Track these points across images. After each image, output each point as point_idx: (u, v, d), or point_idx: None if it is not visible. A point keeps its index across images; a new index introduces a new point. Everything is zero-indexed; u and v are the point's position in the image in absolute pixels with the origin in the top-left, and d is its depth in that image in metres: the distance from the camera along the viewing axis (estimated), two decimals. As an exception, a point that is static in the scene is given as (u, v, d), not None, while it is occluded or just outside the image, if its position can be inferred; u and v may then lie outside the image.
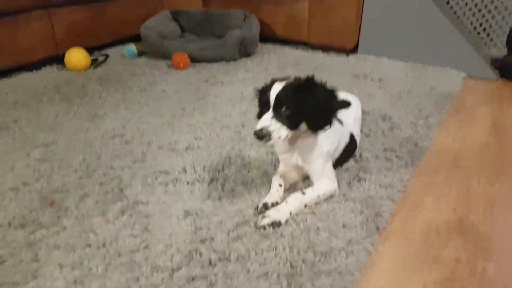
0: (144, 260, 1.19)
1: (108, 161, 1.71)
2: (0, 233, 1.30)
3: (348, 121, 1.70)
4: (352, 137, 1.67)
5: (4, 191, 1.50)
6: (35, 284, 1.11)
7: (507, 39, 2.88)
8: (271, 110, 1.36)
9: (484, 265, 1.26)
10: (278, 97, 1.34)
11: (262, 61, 3.04)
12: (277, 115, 1.35)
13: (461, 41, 2.86)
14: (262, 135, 1.33)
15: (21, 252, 1.22)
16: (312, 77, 1.39)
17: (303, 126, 1.40)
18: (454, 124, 2.18)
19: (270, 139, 1.34)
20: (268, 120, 1.34)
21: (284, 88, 1.35)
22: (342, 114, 1.70)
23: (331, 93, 1.41)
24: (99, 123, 2.04)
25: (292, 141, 1.48)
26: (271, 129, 1.33)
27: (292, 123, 1.36)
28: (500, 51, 3.01)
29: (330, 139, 1.50)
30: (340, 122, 1.61)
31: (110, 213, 1.39)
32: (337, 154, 1.59)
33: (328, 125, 1.39)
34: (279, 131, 1.34)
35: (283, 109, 1.34)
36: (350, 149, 1.68)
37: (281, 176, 1.55)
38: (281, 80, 1.40)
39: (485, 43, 3.07)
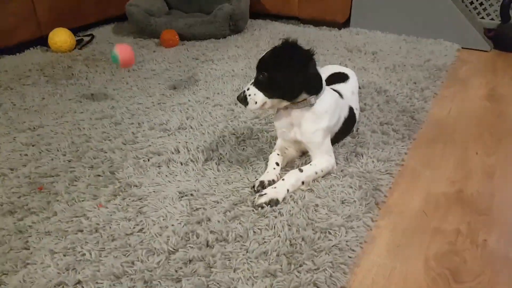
0: (139, 244, 1.15)
1: (98, 143, 1.65)
2: (-12, 220, 1.25)
3: (347, 94, 1.65)
4: (351, 111, 1.63)
5: (-9, 178, 1.45)
6: (26, 272, 1.07)
7: (501, 8, 2.82)
8: (254, 76, 1.39)
9: (484, 237, 1.24)
10: (258, 63, 1.39)
11: (253, 37, 2.96)
12: (257, 82, 1.38)
13: (454, 12, 2.80)
14: (240, 99, 1.39)
15: (10, 240, 1.18)
16: (289, 41, 1.36)
17: (298, 98, 1.39)
18: (450, 96, 2.15)
19: (246, 103, 1.38)
20: (248, 85, 1.39)
21: (265, 55, 1.38)
22: (340, 87, 1.66)
23: (308, 56, 1.36)
24: (87, 105, 1.98)
25: (287, 113, 1.45)
26: (247, 93, 1.37)
27: (268, 90, 1.36)
28: (493, 21, 2.96)
29: (330, 113, 1.46)
30: (340, 95, 1.57)
31: (102, 197, 1.34)
32: (336, 128, 1.55)
33: (311, 92, 1.39)
34: (256, 97, 1.37)
35: (262, 74, 1.36)
36: (349, 123, 1.64)
37: (278, 154, 1.51)
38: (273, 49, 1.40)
39: (479, 13, 3.02)
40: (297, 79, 1.34)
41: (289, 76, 1.32)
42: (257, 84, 1.37)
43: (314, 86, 1.40)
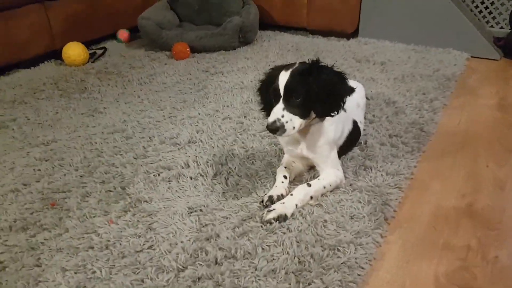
0: (149, 261, 1.17)
1: (109, 158, 1.68)
2: (1, 237, 1.28)
3: (350, 107, 1.65)
4: (355, 124, 1.63)
5: (5, 193, 1.48)
6: (38, 290, 1.10)
7: (510, 16, 2.80)
8: (281, 100, 1.31)
9: (495, 252, 1.23)
10: (287, 86, 1.30)
11: (262, 48, 2.98)
12: (288, 105, 1.31)
13: (463, 21, 2.78)
14: (276, 128, 1.29)
15: (23, 257, 1.20)
16: (317, 61, 1.35)
17: (312, 114, 1.37)
18: (459, 106, 2.14)
19: (284, 131, 1.30)
20: (280, 112, 1.30)
21: (292, 76, 1.31)
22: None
23: (340, 76, 1.37)
24: (99, 119, 2.01)
25: (300, 131, 1.43)
26: (284, 120, 1.29)
27: (304, 112, 1.32)
28: (502, 29, 2.94)
29: (334, 126, 1.46)
30: (343, 109, 1.57)
31: (113, 212, 1.36)
32: (341, 142, 1.55)
33: (338, 110, 1.35)
34: (293, 122, 1.31)
35: (294, 98, 1.30)
36: (354, 137, 1.64)
37: (286, 168, 1.52)
38: (286, 66, 1.35)
39: (488, 22, 3.00)
40: (339, 93, 1.34)
41: (327, 88, 1.31)
42: (288, 108, 1.30)
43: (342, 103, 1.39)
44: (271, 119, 1.30)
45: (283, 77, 1.31)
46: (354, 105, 1.70)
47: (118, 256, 1.19)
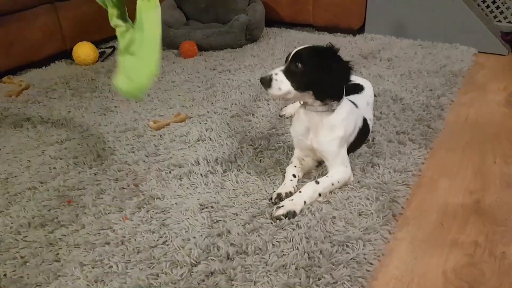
0: (163, 256, 1.21)
1: (122, 156, 1.72)
2: (22, 233, 1.32)
3: (362, 105, 1.68)
4: (365, 121, 1.66)
5: (22, 191, 1.52)
6: (57, 284, 1.13)
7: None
8: (284, 65, 1.40)
9: (503, 248, 1.25)
10: (296, 52, 1.39)
11: (268, 45, 3.00)
12: (288, 70, 1.38)
13: (470, 16, 2.78)
14: (265, 80, 1.37)
15: (42, 252, 1.24)
16: (333, 46, 1.41)
17: (310, 96, 1.41)
18: (467, 103, 2.15)
19: (270, 86, 1.37)
20: (277, 71, 1.38)
21: (305, 48, 1.40)
22: (355, 98, 1.68)
23: (347, 68, 1.42)
24: (111, 117, 2.05)
25: (304, 118, 1.48)
26: (274, 77, 1.37)
27: (298, 82, 1.37)
28: (510, 24, 2.93)
29: (346, 122, 1.48)
30: (355, 105, 1.59)
31: (127, 209, 1.40)
32: (351, 138, 1.57)
33: (336, 98, 1.42)
34: (282, 83, 1.37)
35: (296, 65, 1.37)
36: (363, 134, 1.66)
37: (295, 166, 1.54)
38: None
39: (495, 17, 2.99)
40: (336, 82, 1.40)
41: (332, 77, 1.37)
42: (287, 72, 1.37)
43: (341, 93, 1.45)
44: (264, 73, 1.41)
45: (298, 48, 1.41)
46: (365, 103, 1.72)
47: (134, 252, 1.22)
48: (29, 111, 2.15)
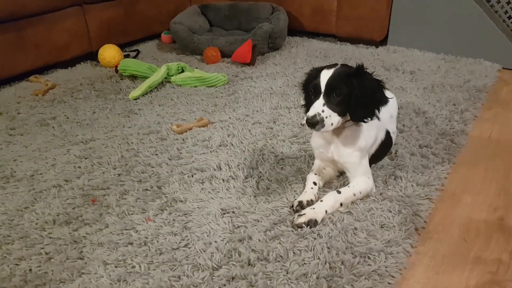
0: (185, 259, 1.22)
1: (146, 158, 1.74)
2: (47, 229, 1.35)
3: (384, 117, 1.67)
4: (388, 134, 1.65)
5: (48, 188, 1.56)
6: (81, 282, 1.16)
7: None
8: (322, 96, 1.35)
9: (527, 268, 1.23)
10: (329, 82, 1.34)
11: (290, 54, 3.02)
12: (328, 101, 1.35)
13: (495, 31, 2.76)
14: (316, 122, 1.32)
15: (66, 249, 1.27)
16: (362, 65, 1.39)
17: (347, 116, 1.41)
18: (491, 119, 2.12)
19: (323, 125, 1.33)
20: (320, 106, 1.34)
21: (335, 74, 1.35)
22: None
23: (380, 84, 1.41)
24: (135, 120, 2.08)
25: (334, 132, 1.47)
26: (324, 115, 1.33)
27: (343, 110, 1.36)
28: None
29: (367, 133, 1.48)
30: (377, 117, 1.59)
31: (150, 211, 1.42)
32: (373, 150, 1.57)
33: (371, 116, 1.39)
34: (332, 118, 1.34)
35: (334, 94, 1.34)
36: (385, 146, 1.66)
37: (316, 174, 1.54)
38: (327, 66, 1.40)
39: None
40: (372, 101, 1.38)
41: (367, 96, 1.35)
42: (329, 104, 1.35)
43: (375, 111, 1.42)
44: (311, 113, 1.33)
45: (326, 74, 1.35)
46: (388, 116, 1.72)
47: (156, 253, 1.24)
48: (54, 110, 2.20)
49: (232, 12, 3.29)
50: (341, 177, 1.60)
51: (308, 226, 1.33)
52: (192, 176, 1.61)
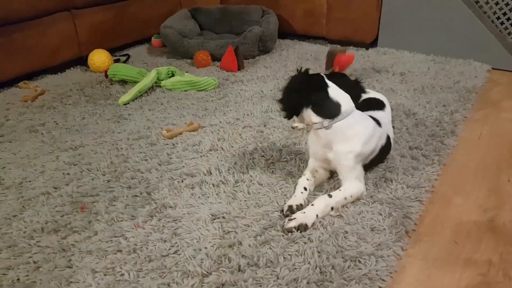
0: (175, 265, 1.21)
1: (135, 163, 1.73)
2: (35, 238, 1.33)
3: (385, 123, 1.67)
4: (388, 140, 1.65)
5: (36, 195, 1.54)
6: (70, 290, 1.14)
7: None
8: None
9: (517, 269, 1.23)
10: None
11: (281, 57, 3.02)
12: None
13: (484, 32, 2.78)
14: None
15: (55, 258, 1.25)
16: (300, 70, 1.49)
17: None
18: (481, 119, 2.13)
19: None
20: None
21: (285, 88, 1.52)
22: (378, 115, 1.67)
23: (310, 81, 1.47)
24: (124, 125, 2.07)
25: (316, 135, 1.50)
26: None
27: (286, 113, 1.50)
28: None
29: (364, 139, 1.47)
30: (379, 124, 1.59)
31: (139, 217, 1.41)
32: (372, 156, 1.56)
33: (301, 112, 1.47)
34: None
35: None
36: (384, 152, 1.65)
37: (307, 179, 1.54)
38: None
39: (509, 33, 2.97)
40: (292, 100, 1.46)
41: (288, 97, 1.47)
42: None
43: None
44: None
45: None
46: (387, 121, 1.72)
47: (145, 260, 1.23)
48: (44, 116, 2.18)
49: (222, 16, 3.29)
50: (332, 179, 1.60)
51: (299, 231, 1.32)
52: (182, 181, 1.60)
